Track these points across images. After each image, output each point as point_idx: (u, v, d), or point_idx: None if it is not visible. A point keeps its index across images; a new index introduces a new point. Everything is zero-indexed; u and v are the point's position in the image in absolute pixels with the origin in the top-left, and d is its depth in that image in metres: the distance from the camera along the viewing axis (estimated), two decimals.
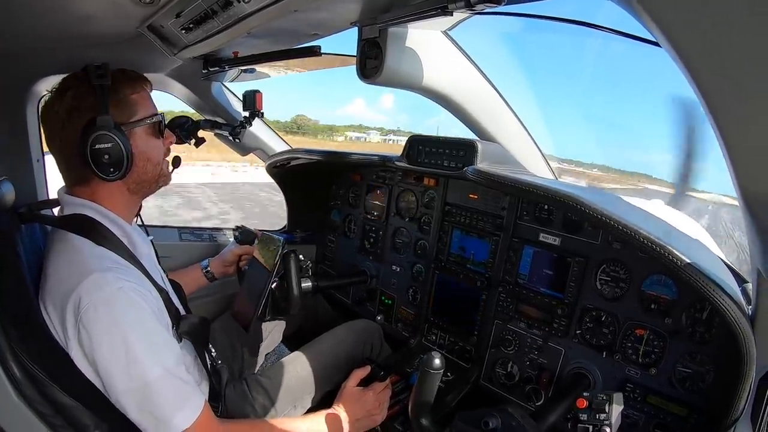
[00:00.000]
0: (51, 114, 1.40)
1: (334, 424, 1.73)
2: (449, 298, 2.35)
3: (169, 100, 2.64)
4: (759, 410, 1.25)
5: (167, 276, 1.79)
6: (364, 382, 1.92)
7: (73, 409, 1.31)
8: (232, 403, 1.83)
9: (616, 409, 1.33)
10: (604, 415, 1.30)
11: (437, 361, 1.44)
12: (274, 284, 2.10)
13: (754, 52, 0.63)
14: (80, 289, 1.24)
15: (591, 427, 1.31)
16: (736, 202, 0.92)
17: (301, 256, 2.14)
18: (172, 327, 1.46)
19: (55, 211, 1.69)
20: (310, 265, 2.27)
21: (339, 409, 1.79)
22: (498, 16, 1.63)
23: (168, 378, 1.29)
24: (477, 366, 2.17)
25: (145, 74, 1.54)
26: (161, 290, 1.45)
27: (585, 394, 1.36)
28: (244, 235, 2.47)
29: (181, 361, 1.38)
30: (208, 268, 2.30)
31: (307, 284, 2.23)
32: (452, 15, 1.24)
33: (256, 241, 2.35)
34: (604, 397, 1.32)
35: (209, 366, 1.69)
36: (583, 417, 1.32)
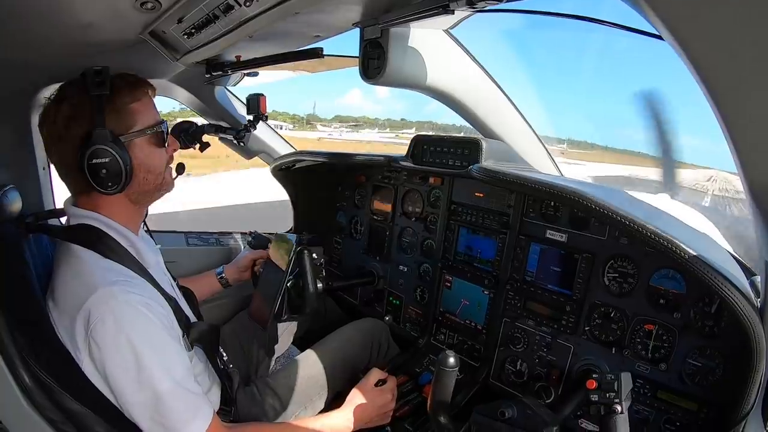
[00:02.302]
0: (48, 124, 1.37)
1: (345, 422, 1.75)
2: (457, 297, 2.35)
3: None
4: None
5: (178, 283, 1.79)
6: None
7: (83, 416, 1.32)
8: (242, 406, 1.83)
9: (626, 388, 1.35)
10: (614, 393, 1.33)
11: (452, 360, 1.48)
12: (290, 283, 2.09)
13: (758, 43, 0.63)
14: (88, 303, 1.24)
15: (602, 407, 1.33)
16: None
17: (314, 255, 2.14)
18: (183, 336, 1.46)
19: (63, 220, 1.69)
20: (323, 264, 2.26)
21: (350, 408, 1.80)
22: (499, 13, 1.62)
23: (178, 390, 1.30)
24: (486, 365, 2.16)
25: (148, 80, 1.53)
26: (170, 299, 1.44)
27: (594, 375, 1.38)
28: (258, 241, 2.47)
29: (190, 372, 1.39)
30: (223, 275, 2.31)
31: (321, 284, 2.22)
32: (454, 13, 1.24)
33: (270, 244, 2.35)
34: (612, 377, 1.36)
35: (221, 370, 1.70)
36: (594, 398, 1.36)
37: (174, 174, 1.62)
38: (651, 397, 1.65)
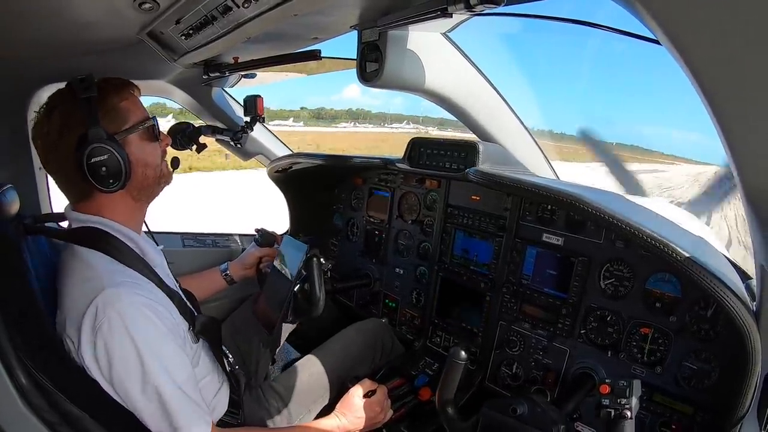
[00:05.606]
0: (42, 135, 1.37)
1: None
2: (453, 300, 2.35)
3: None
4: (765, 407, 1.25)
5: (179, 284, 1.79)
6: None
7: (80, 419, 1.31)
8: (248, 409, 1.84)
9: (636, 395, 1.40)
10: (625, 400, 1.38)
11: (463, 354, 1.58)
12: (296, 287, 2.09)
13: (755, 48, 0.63)
14: (95, 305, 1.25)
15: (612, 411, 1.37)
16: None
17: (322, 260, 2.14)
18: (189, 328, 1.48)
19: (63, 225, 1.68)
20: (330, 267, 2.26)
21: (340, 417, 1.82)
22: (497, 17, 1.63)
23: (180, 393, 1.33)
24: (482, 367, 2.17)
25: (145, 81, 1.53)
26: (174, 294, 1.45)
27: (607, 380, 1.44)
28: (264, 238, 2.46)
29: (191, 378, 1.40)
30: (227, 272, 2.29)
31: (327, 286, 2.21)
32: (452, 17, 1.24)
33: (277, 245, 2.33)
34: (625, 384, 1.40)
35: (228, 372, 1.70)
36: (606, 402, 1.39)
37: (170, 168, 1.61)
38: (647, 401, 1.65)
